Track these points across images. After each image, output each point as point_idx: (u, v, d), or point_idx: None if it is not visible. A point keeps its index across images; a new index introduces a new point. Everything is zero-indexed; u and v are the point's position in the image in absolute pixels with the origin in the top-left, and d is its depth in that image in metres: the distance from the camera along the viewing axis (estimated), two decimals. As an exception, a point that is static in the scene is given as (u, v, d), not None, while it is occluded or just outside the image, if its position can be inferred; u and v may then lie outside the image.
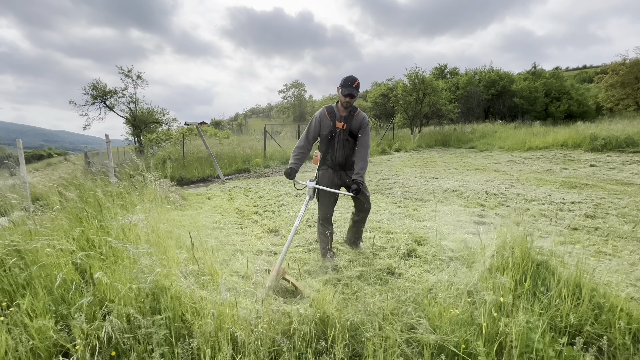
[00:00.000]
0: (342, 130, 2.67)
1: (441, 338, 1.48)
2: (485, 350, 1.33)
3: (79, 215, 3.09)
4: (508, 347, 1.40)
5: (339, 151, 2.71)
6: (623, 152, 9.49)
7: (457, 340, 1.45)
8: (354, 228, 3.04)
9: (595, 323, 1.59)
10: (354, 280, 2.42)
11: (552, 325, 1.54)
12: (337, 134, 2.68)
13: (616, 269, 2.49)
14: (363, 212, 2.91)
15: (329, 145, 2.74)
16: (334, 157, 2.74)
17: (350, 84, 2.51)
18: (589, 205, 4.34)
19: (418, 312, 1.77)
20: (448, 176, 7.34)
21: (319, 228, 2.85)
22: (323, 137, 2.75)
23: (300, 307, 1.80)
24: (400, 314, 1.92)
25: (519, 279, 1.91)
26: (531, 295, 1.80)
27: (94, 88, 17.68)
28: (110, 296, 1.89)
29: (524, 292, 1.77)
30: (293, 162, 2.73)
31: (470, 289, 1.96)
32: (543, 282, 1.90)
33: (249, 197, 6.28)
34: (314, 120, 2.75)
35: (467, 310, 1.70)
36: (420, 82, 16.88)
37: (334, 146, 2.72)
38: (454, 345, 1.41)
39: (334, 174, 2.79)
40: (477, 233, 3.34)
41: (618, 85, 16.36)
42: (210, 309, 1.59)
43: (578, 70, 61.09)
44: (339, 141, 2.69)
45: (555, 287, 1.75)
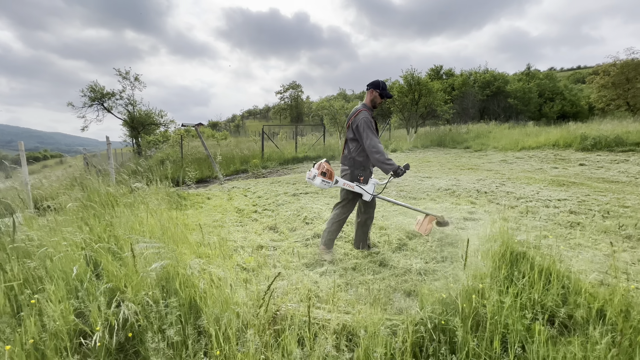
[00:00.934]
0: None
1: (427, 316, 1.65)
2: (462, 325, 1.51)
3: (87, 213, 3.25)
4: (483, 323, 1.58)
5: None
6: (612, 151, 9.75)
7: (440, 318, 1.62)
8: (364, 227, 3.02)
9: (563, 304, 1.77)
10: (348, 271, 2.59)
11: (523, 306, 1.72)
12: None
13: (592, 260, 2.68)
14: (371, 209, 2.97)
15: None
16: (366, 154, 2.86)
17: (387, 88, 2.74)
18: (574, 202, 4.55)
19: (406, 296, 1.95)
20: (442, 175, 7.54)
21: (340, 224, 2.94)
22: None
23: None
24: (391, 299, 2.09)
25: (498, 267, 2.09)
26: (508, 281, 1.99)
27: (92, 90, 17.76)
28: (121, 286, 2.05)
29: (501, 278, 1.95)
30: (394, 161, 2.69)
31: (454, 276, 2.14)
32: (520, 269, 2.08)
33: (248, 196, 6.43)
34: (369, 122, 2.72)
35: (451, 294, 1.88)
36: (416, 83, 17.12)
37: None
38: (436, 322, 1.59)
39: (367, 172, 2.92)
40: (465, 228, 3.53)
41: (609, 86, 16.71)
42: (217, 295, 1.75)
43: (572, 71, 61.76)
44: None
45: (529, 273, 1.94)
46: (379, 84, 2.79)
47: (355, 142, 2.82)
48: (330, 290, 2.21)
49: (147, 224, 3.03)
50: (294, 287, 2.18)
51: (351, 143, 2.87)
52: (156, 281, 1.90)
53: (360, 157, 2.82)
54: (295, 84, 54.33)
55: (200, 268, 2.16)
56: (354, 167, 2.85)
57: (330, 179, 2.79)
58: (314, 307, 1.95)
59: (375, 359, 1.32)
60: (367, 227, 3.02)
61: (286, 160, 13.55)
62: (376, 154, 2.65)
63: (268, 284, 1.69)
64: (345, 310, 1.89)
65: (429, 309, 1.66)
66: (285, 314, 1.69)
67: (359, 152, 2.81)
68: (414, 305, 1.97)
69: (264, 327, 1.56)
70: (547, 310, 1.70)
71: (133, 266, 2.01)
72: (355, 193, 2.86)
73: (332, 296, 2.12)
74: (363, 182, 2.82)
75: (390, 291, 2.21)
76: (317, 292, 2.19)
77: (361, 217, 3.01)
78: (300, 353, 1.43)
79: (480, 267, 2.09)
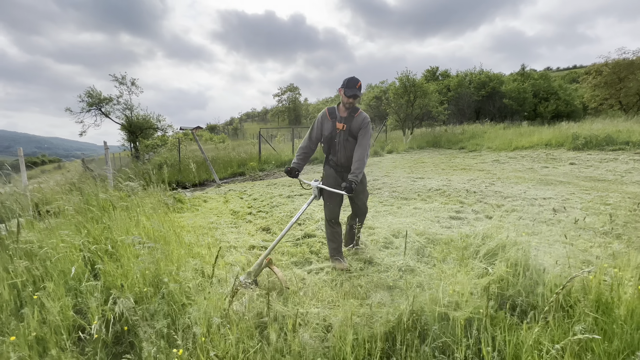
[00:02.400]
0: (342, 131, 2.70)
1: (405, 307, 1.78)
2: (432, 313, 1.64)
3: (84, 217, 3.37)
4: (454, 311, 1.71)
5: (340, 152, 2.76)
6: (603, 150, 9.91)
7: (416, 308, 1.75)
8: (352, 231, 3.02)
9: (528, 293, 1.90)
10: (335, 269, 2.72)
11: (492, 295, 1.85)
12: (338, 135, 2.72)
13: (568, 255, 2.81)
14: (359, 216, 2.93)
15: (330, 146, 2.79)
16: (335, 157, 2.80)
17: (353, 85, 2.53)
18: (558, 201, 4.69)
19: (384, 290, 2.07)
20: (434, 176, 7.68)
21: (327, 229, 2.85)
22: (325, 138, 2.77)
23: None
24: (373, 294, 2.22)
25: (465, 261, 2.22)
26: (481, 274, 2.12)
27: (90, 95, 17.88)
28: (117, 284, 2.17)
29: (474, 271, 2.08)
30: (295, 161, 2.79)
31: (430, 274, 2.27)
32: (493, 262, 2.22)
33: (244, 199, 6.56)
34: (316, 121, 2.79)
35: (432, 286, 2.00)
36: (411, 85, 17.30)
37: (335, 147, 2.76)
38: (409, 311, 1.72)
39: (337, 175, 2.83)
40: (449, 227, 3.66)
41: (602, 85, 16.93)
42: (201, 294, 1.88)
43: (568, 70, 62.19)
44: (340, 142, 2.73)
45: (499, 265, 2.07)
46: (344, 82, 2.58)
47: None
48: (315, 286, 2.33)
49: (142, 227, 3.16)
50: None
51: None
52: (151, 278, 2.02)
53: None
54: (293, 86, 54.56)
55: (193, 268, 2.29)
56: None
57: None
58: (297, 302, 2.08)
59: (347, 341, 1.45)
60: (356, 230, 2.85)
61: (283, 162, 13.67)
62: None
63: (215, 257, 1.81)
64: (327, 303, 2.02)
65: (404, 302, 1.79)
66: (268, 309, 1.82)
67: None
68: (390, 298, 2.10)
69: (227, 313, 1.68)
70: (509, 299, 1.83)
71: (128, 264, 2.13)
72: (321, 192, 2.78)
73: (318, 292, 2.25)
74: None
75: (371, 286, 2.34)
76: (303, 288, 2.32)
77: (348, 222, 3.08)
78: (280, 341, 1.55)
79: (452, 262, 2.22)
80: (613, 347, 1.44)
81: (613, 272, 1.85)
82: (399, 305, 1.76)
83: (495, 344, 1.55)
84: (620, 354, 1.42)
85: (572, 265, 2.56)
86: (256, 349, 1.53)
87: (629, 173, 6.72)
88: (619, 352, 1.43)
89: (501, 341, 1.53)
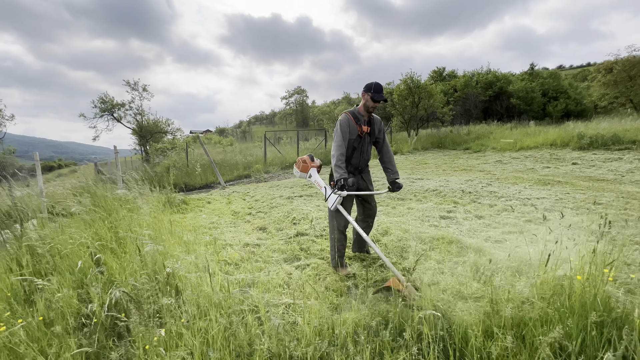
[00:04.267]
0: (367, 134, 2.73)
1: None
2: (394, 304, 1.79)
3: (92, 217, 3.62)
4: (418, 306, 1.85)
5: (363, 155, 2.75)
6: (609, 149, 9.78)
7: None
8: (360, 237, 2.95)
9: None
10: (322, 265, 2.88)
11: (461, 284, 1.98)
12: (363, 138, 2.72)
13: (549, 252, 2.90)
14: (371, 217, 2.92)
15: (355, 150, 2.73)
16: (357, 161, 2.76)
17: (380, 90, 2.62)
18: (551, 200, 4.74)
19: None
20: (433, 177, 7.75)
21: (339, 237, 2.74)
22: (349, 142, 2.71)
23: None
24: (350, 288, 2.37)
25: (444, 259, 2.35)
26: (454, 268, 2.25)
27: (102, 101, 18.52)
28: (117, 275, 2.38)
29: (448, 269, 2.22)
30: (344, 171, 2.57)
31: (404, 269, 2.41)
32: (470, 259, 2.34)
33: (246, 200, 6.78)
34: (343, 125, 2.66)
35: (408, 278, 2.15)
36: (416, 87, 17.34)
37: (360, 150, 2.73)
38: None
39: (355, 178, 2.78)
40: (437, 225, 3.78)
41: (611, 83, 16.62)
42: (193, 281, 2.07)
43: (581, 68, 60.81)
44: (363, 144, 2.73)
45: (467, 260, 2.20)
46: (370, 86, 2.64)
47: None
48: (299, 280, 2.50)
49: (146, 226, 3.38)
50: (270, 277, 2.49)
51: None
52: (151, 268, 2.22)
53: None
54: (300, 89, 55.01)
55: (191, 262, 2.49)
56: (333, 170, 2.74)
57: (304, 171, 2.88)
58: (282, 293, 2.25)
59: (311, 326, 1.61)
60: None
61: (288, 164, 13.91)
62: (332, 158, 2.63)
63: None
64: (305, 295, 2.18)
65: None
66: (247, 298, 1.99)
67: None
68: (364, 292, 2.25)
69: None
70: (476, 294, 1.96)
71: (130, 258, 2.34)
72: (343, 198, 2.68)
73: (302, 286, 2.42)
74: (335, 187, 2.56)
75: (352, 282, 2.49)
76: (288, 282, 2.49)
77: (359, 224, 2.90)
78: (257, 326, 1.73)
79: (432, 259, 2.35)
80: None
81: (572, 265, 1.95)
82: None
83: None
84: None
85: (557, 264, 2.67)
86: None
87: (631, 173, 6.67)
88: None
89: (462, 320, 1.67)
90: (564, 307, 1.54)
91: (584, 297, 1.53)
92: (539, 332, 1.47)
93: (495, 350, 1.41)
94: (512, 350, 1.39)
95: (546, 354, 1.33)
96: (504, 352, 1.41)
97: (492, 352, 1.42)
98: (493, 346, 1.43)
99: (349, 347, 1.52)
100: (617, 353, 1.26)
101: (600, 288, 1.55)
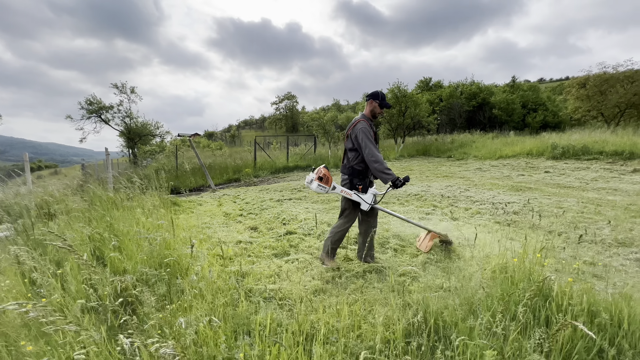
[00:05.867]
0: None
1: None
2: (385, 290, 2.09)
3: (90, 215, 3.80)
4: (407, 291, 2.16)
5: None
6: (579, 159, 10.47)
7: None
8: (364, 237, 3.03)
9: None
10: (309, 260, 3.16)
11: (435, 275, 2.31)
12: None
13: (515, 249, 3.28)
14: (375, 226, 3.00)
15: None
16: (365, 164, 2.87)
17: (384, 98, 2.86)
18: (520, 205, 5.18)
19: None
20: (417, 182, 8.17)
21: (344, 233, 2.94)
22: None
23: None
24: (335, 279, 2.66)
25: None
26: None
27: (90, 103, 18.36)
28: (121, 267, 2.60)
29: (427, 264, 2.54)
30: (391, 169, 2.74)
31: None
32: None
33: (237, 203, 6.99)
34: (368, 131, 2.77)
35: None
36: (402, 96, 17.96)
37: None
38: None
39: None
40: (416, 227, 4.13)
41: (584, 98, 17.68)
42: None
43: (560, 82, 63.59)
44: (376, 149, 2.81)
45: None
46: (377, 94, 2.85)
47: (354, 152, 2.85)
48: (288, 272, 2.78)
49: (141, 224, 3.59)
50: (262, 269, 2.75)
51: (350, 152, 2.90)
52: (154, 255, 2.46)
53: (359, 166, 2.85)
54: (290, 94, 55.46)
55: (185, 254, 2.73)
56: (352, 175, 2.88)
57: (327, 184, 2.86)
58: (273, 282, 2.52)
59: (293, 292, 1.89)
60: (367, 235, 2.98)
61: (277, 169, 14.15)
62: (375, 163, 2.69)
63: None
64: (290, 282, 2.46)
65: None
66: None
67: (358, 162, 2.84)
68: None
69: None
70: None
71: (133, 250, 2.57)
72: (355, 202, 2.88)
73: (290, 275, 2.69)
74: (362, 191, 2.83)
75: (336, 274, 2.79)
76: (278, 273, 2.77)
77: (361, 226, 3.03)
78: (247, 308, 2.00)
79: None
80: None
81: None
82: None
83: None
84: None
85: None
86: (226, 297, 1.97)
87: (595, 181, 7.25)
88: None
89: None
90: (505, 282, 1.88)
91: (515, 274, 1.89)
92: (483, 305, 1.80)
93: (453, 319, 1.73)
94: (461, 317, 1.72)
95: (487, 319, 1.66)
96: (459, 320, 1.74)
97: (448, 320, 1.74)
98: (453, 318, 1.75)
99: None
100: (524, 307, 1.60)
101: (529, 268, 1.91)
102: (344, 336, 1.68)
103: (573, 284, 1.87)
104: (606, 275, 2.55)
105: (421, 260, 2.95)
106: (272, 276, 2.69)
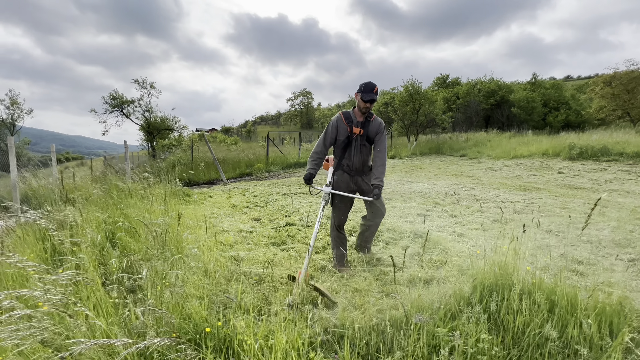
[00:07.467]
0: (359, 136, 2.68)
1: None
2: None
3: (107, 202, 4.11)
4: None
5: (355, 156, 2.71)
6: (597, 160, 10.14)
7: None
8: (367, 233, 2.96)
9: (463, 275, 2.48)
10: (305, 248, 3.33)
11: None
12: (354, 140, 2.69)
13: (508, 247, 3.33)
14: (378, 218, 2.86)
15: (345, 151, 2.74)
16: (350, 162, 2.74)
17: (370, 90, 2.54)
18: (522, 204, 5.15)
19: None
20: (424, 180, 8.18)
21: (335, 234, 2.84)
22: (339, 143, 2.73)
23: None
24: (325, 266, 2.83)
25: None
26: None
27: (113, 98, 19.18)
28: (130, 247, 2.85)
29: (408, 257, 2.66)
30: (311, 167, 2.70)
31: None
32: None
33: (245, 196, 7.25)
34: (330, 125, 2.72)
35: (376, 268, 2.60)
36: (416, 93, 17.77)
37: (350, 151, 2.71)
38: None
39: (350, 179, 2.78)
40: (412, 222, 4.22)
41: (609, 96, 16.92)
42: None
43: (588, 79, 60.70)
44: (356, 146, 2.69)
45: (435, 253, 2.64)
46: (360, 86, 2.60)
47: None
48: (283, 258, 2.96)
49: (153, 212, 3.86)
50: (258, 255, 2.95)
51: None
52: (158, 240, 2.70)
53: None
54: (305, 91, 55.69)
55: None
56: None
57: (326, 168, 3.00)
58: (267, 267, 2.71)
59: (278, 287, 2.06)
60: (370, 233, 2.96)
61: (289, 164, 14.41)
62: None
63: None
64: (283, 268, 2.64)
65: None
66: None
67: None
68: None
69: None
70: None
71: (144, 236, 2.82)
72: (332, 197, 2.78)
73: (284, 262, 2.88)
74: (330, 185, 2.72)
75: (325, 261, 2.95)
76: (273, 259, 2.95)
77: (366, 222, 2.95)
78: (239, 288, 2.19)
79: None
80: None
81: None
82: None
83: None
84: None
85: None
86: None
87: (609, 183, 7.05)
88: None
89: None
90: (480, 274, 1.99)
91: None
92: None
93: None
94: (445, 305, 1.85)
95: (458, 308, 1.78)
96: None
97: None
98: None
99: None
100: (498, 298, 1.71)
101: (503, 261, 2.00)
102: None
103: (534, 273, 1.96)
104: (587, 272, 2.59)
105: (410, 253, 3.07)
106: (266, 262, 2.88)
